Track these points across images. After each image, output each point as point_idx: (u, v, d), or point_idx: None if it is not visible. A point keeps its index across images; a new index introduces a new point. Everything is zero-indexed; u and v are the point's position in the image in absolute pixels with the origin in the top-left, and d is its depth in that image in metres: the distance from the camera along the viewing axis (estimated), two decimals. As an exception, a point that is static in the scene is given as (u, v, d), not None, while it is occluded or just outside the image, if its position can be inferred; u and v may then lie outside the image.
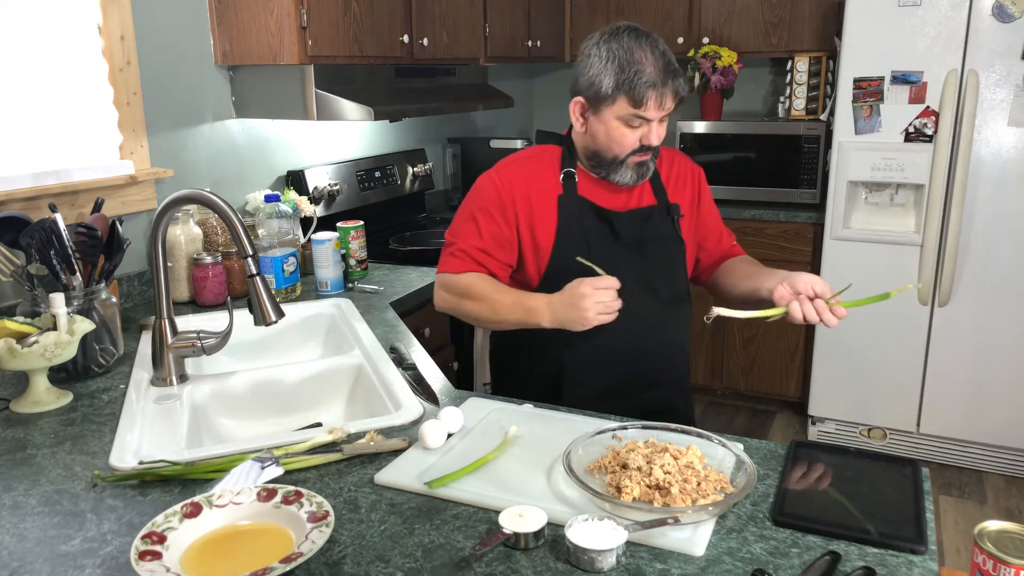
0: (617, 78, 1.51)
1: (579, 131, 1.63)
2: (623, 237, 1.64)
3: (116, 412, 1.42)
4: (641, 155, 1.59)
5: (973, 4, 2.79)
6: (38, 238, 1.56)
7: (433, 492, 1.12)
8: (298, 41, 2.20)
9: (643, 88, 1.50)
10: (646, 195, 1.70)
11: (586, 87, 1.56)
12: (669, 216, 1.70)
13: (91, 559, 0.99)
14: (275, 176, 2.65)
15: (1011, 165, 2.88)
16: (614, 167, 1.60)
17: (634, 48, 1.52)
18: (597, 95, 1.54)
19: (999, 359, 3.04)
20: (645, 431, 1.25)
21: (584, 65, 1.57)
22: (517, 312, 1.54)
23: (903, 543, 1.00)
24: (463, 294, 1.61)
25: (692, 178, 1.78)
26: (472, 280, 1.62)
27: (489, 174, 1.69)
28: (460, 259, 1.65)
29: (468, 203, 1.69)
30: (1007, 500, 3.00)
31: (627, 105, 1.52)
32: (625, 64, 1.51)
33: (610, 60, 1.53)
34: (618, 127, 1.55)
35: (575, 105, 1.60)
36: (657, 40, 1.56)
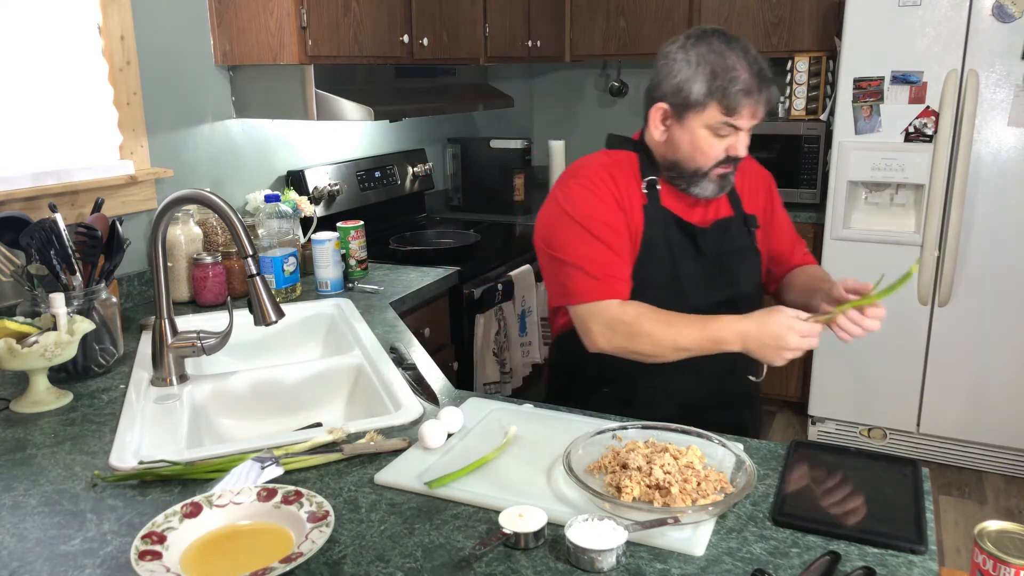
0: (710, 84, 1.42)
1: (658, 139, 1.52)
2: (705, 252, 1.56)
3: (116, 412, 1.42)
4: (725, 167, 1.50)
5: (973, 4, 2.79)
6: (38, 238, 1.56)
7: (433, 492, 1.12)
8: (298, 41, 2.20)
9: (738, 95, 1.41)
10: (723, 206, 1.61)
11: (671, 93, 1.46)
12: (746, 228, 1.62)
13: (91, 559, 0.99)
14: (275, 176, 2.65)
15: (1011, 165, 2.88)
16: (695, 179, 1.51)
17: (726, 52, 1.42)
18: (686, 101, 1.44)
19: (999, 359, 3.04)
20: (645, 431, 1.25)
21: (669, 69, 1.46)
22: (704, 345, 1.43)
23: (903, 543, 1.00)
24: (635, 329, 1.45)
25: (765, 186, 1.70)
26: (640, 311, 1.46)
27: (577, 183, 1.54)
28: (608, 283, 1.49)
29: (566, 218, 1.52)
30: (1007, 500, 3.00)
31: (718, 113, 1.43)
32: (719, 69, 1.41)
33: (701, 65, 1.43)
34: (705, 136, 1.46)
35: (656, 111, 1.50)
36: (748, 45, 1.46)
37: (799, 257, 1.75)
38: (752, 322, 1.39)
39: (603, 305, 1.48)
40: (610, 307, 1.48)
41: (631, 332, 1.45)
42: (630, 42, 3.75)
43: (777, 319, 1.38)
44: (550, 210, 1.57)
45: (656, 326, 1.44)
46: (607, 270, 1.49)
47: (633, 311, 1.47)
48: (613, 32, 3.77)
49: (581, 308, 1.50)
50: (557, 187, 1.58)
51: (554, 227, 1.55)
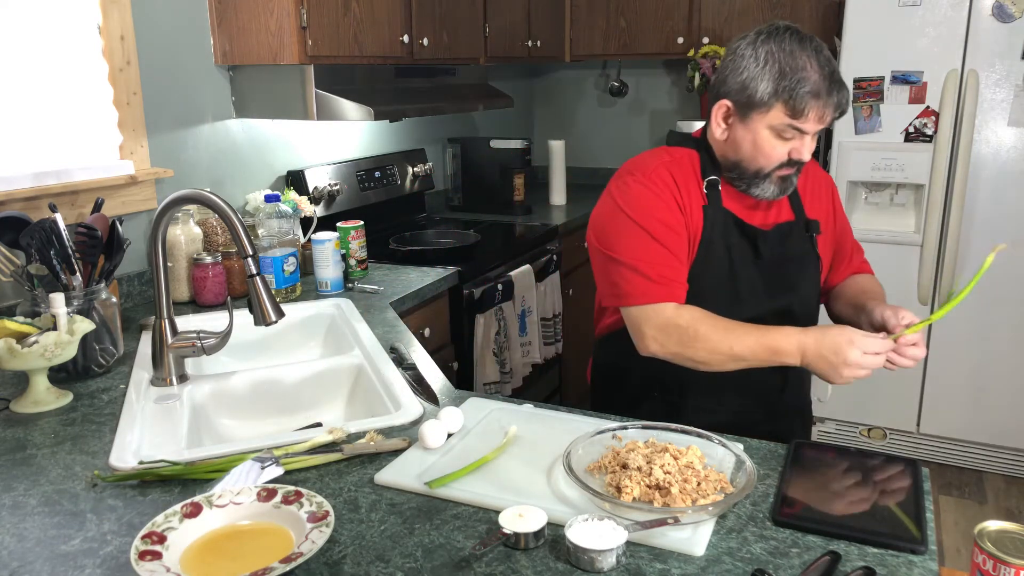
0: (777, 84, 1.36)
1: (719, 138, 1.47)
2: (764, 256, 1.50)
3: (116, 412, 1.42)
4: (787, 169, 1.44)
5: (973, 4, 2.79)
6: (38, 238, 1.56)
7: (433, 492, 1.12)
8: (298, 41, 2.20)
9: (805, 97, 1.35)
10: (784, 209, 1.56)
11: (737, 90, 1.41)
12: (808, 233, 1.56)
13: (91, 559, 0.99)
14: (275, 176, 2.65)
15: (1011, 165, 2.88)
16: (756, 180, 1.45)
17: (797, 52, 1.36)
18: (750, 100, 1.39)
19: (999, 359, 3.04)
20: (645, 431, 1.25)
21: (735, 65, 1.41)
22: (761, 355, 1.37)
23: (903, 543, 1.00)
24: (691, 335, 1.40)
25: (827, 190, 1.64)
26: (696, 316, 1.41)
27: (635, 180, 1.49)
28: (665, 286, 1.44)
29: (623, 217, 1.47)
30: (1007, 500, 3.00)
31: (783, 114, 1.38)
32: (787, 69, 1.36)
33: (769, 63, 1.37)
34: (768, 137, 1.41)
35: (719, 108, 1.45)
36: (822, 45, 1.40)
37: (856, 265, 1.68)
38: (813, 335, 1.34)
39: (658, 308, 1.43)
40: (665, 310, 1.43)
41: (686, 337, 1.40)
42: (630, 42, 3.75)
43: (839, 332, 1.33)
44: (606, 207, 1.52)
45: (712, 332, 1.39)
46: (664, 272, 1.44)
47: (689, 315, 1.41)
48: (613, 32, 3.77)
49: (634, 310, 1.45)
50: (614, 183, 1.53)
51: (609, 225, 1.50)
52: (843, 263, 1.67)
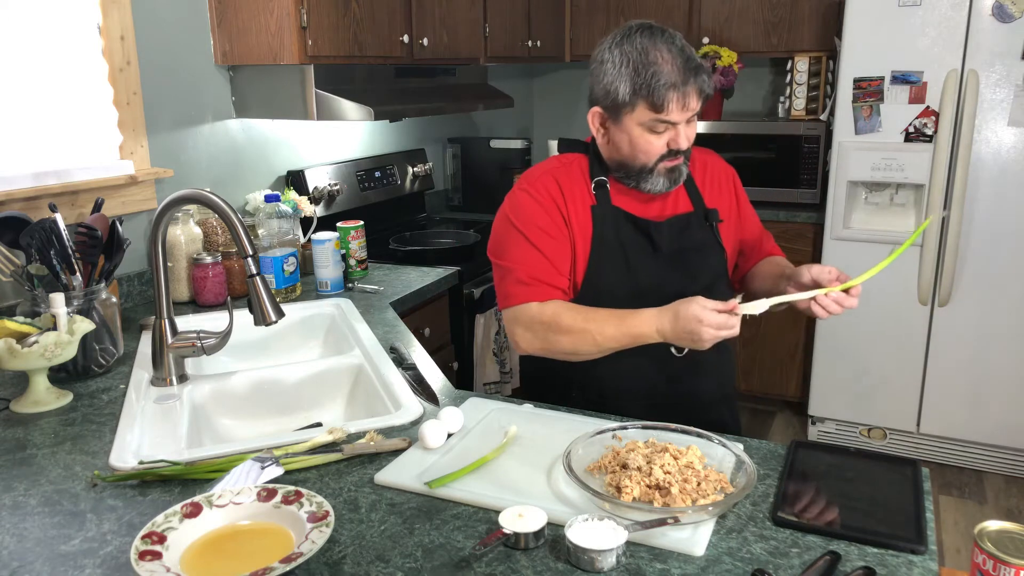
0: (633, 83, 1.41)
1: (601, 142, 1.53)
2: (662, 248, 1.54)
3: (116, 412, 1.42)
4: (671, 160, 1.48)
5: (973, 4, 2.79)
6: (38, 238, 1.56)
7: (433, 492, 1.12)
8: (298, 41, 2.20)
9: (662, 90, 1.39)
10: (682, 201, 1.59)
11: (602, 96, 1.46)
12: (708, 223, 1.60)
13: (91, 559, 0.99)
14: (275, 176, 2.65)
15: (1011, 165, 2.88)
16: (644, 176, 1.50)
17: (648, 48, 1.41)
18: (615, 103, 1.44)
19: (999, 359, 3.04)
20: (645, 431, 1.25)
21: (598, 72, 1.47)
22: (623, 341, 1.42)
23: (903, 543, 1.00)
24: (553, 329, 1.46)
25: (727, 179, 1.69)
26: (557, 310, 1.46)
27: (521, 190, 1.55)
28: (534, 287, 1.49)
29: (508, 225, 1.54)
30: (1007, 500, 3.00)
31: (647, 110, 1.42)
32: (640, 66, 1.40)
33: (624, 64, 1.42)
34: (642, 134, 1.45)
35: (593, 116, 1.50)
36: (674, 35, 1.45)
37: (767, 250, 1.73)
38: (667, 315, 1.38)
39: (524, 307, 1.49)
40: (529, 308, 1.49)
41: (550, 331, 1.46)
42: (630, 42, 3.75)
43: (684, 304, 1.35)
44: (498, 219, 1.58)
45: (574, 322, 1.44)
46: (536, 275, 1.49)
47: (551, 309, 1.47)
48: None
49: (507, 312, 1.52)
50: (507, 197, 1.59)
51: (498, 235, 1.57)
52: (753, 250, 1.72)
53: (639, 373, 1.54)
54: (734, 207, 1.68)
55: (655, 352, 1.46)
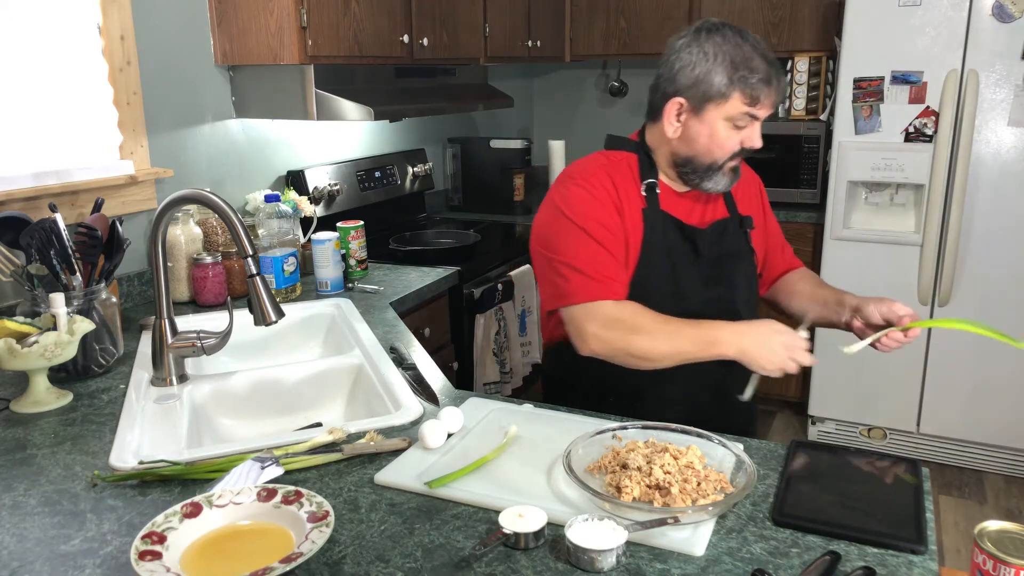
0: (731, 75, 1.41)
1: (671, 136, 1.49)
2: (703, 255, 1.54)
3: (116, 412, 1.42)
4: (736, 159, 1.49)
5: (973, 4, 2.79)
6: (38, 238, 1.56)
7: (433, 492, 1.12)
8: (298, 41, 2.20)
9: (759, 84, 1.40)
10: (719, 207, 1.60)
11: (688, 85, 1.44)
12: (742, 229, 1.61)
13: (91, 559, 0.99)
14: (275, 176, 2.65)
15: (1011, 165, 2.88)
16: (709, 173, 1.49)
17: (741, 43, 1.42)
18: (705, 94, 1.43)
19: (999, 359, 3.04)
20: (645, 431, 1.25)
21: (684, 62, 1.44)
22: (699, 345, 1.39)
23: (903, 543, 1.00)
24: (632, 329, 1.42)
25: (756, 187, 1.70)
26: (635, 310, 1.43)
27: (575, 184, 1.51)
28: (606, 284, 1.45)
29: (562, 219, 1.49)
30: (1007, 500, 3.00)
31: (740, 103, 1.42)
32: (739, 60, 1.41)
33: (719, 56, 1.41)
34: (724, 128, 1.45)
35: (672, 106, 1.47)
36: (757, 38, 1.46)
37: (788, 260, 1.76)
38: (743, 326, 1.40)
39: (599, 305, 1.45)
40: (605, 307, 1.45)
41: (627, 331, 1.42)
42: (630, 42, 3.75)
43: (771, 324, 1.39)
44: (547, 212, 1.55)
45: (652, 324, 1.42)
46: (604, 271, 1.46)
47: (630, 309, 1.44)
48: (613, 32, 3.77)
49: (576, 309, 1.47)
50: (554, 189, 1.56)
51: (551, 228, 1.52)
52: (776, 257, 1.75)
53: (680, 381, 1.50)
54: (761, 214, 1.69)
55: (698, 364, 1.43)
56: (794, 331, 1.40)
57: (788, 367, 1.38)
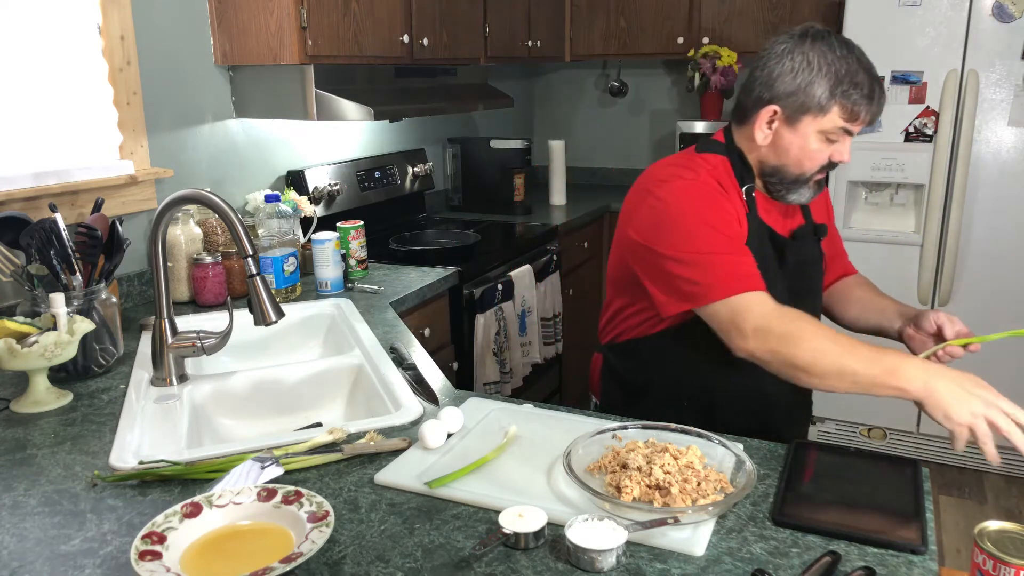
0: (833, 87, 1.36)
1: (760, 143, 1.44)
2: (787, 263, 1.51)
3: (116, 412, 1.42)
4: (823, 172, 1.46)
5: (973, 4, 2.79)
6: (38, 238, 1.56)
7: (433, 492, 1.12)
8: (298, 41, 2.20)
9: (861, 100, 1.36)
10: (797, 215, 1.57)
11: (788, 94, 1.39)
12: (816, 237, 1.58)
13: (91, 559, 0.99)
14: (275, 176, 2.65)
15: (1011, 165, 2.88)
16: (796, 185, 1.45)
17: (847, 55, 1.37)
18: (804, 104, 1.37)
19: (999, 359, 3.03)
20: (645, 431, 1.25)
21: (784, 69, 1.39)
22: (876, 369, 1.21)
23: (903, 543, 1.00)
24: (796, 335, 1.27)
25: (824, 194, 1.65)
26: (801, 314, 1.31)
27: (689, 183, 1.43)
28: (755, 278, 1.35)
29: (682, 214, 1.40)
30: (1007, 500, 3.00)
31: (839, 117, 1.37)
32: (843, 72, 1.35)
33: (823, 68, 1.36)
34: (816, 140, 1.40)
35: (766, 112, 1.42)
36: (862, 49, 1.40)
37: (844, 265, 1.73)
38: (938, 367, 1.23)
39: (755, 299, 1.32)
40: (766, 302, 1.31)
41: (791, 335, 1.27)
42: (630, 42, 3.75)
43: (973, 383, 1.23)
44: (660, 213, 1.42)
45: (822, 333, 1.26)
46: (752, 270, 1.36)
47: (794, 312, 1.31)
48: (613, 32, 3.78)
49: (725, 305, 1.33)
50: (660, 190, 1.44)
51: (673, 228, 1.40)
52: (836, 263, 1.72)
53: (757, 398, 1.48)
54: (829, 220, 1.68)
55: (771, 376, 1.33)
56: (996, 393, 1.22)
57: (977, 428, 1.21)
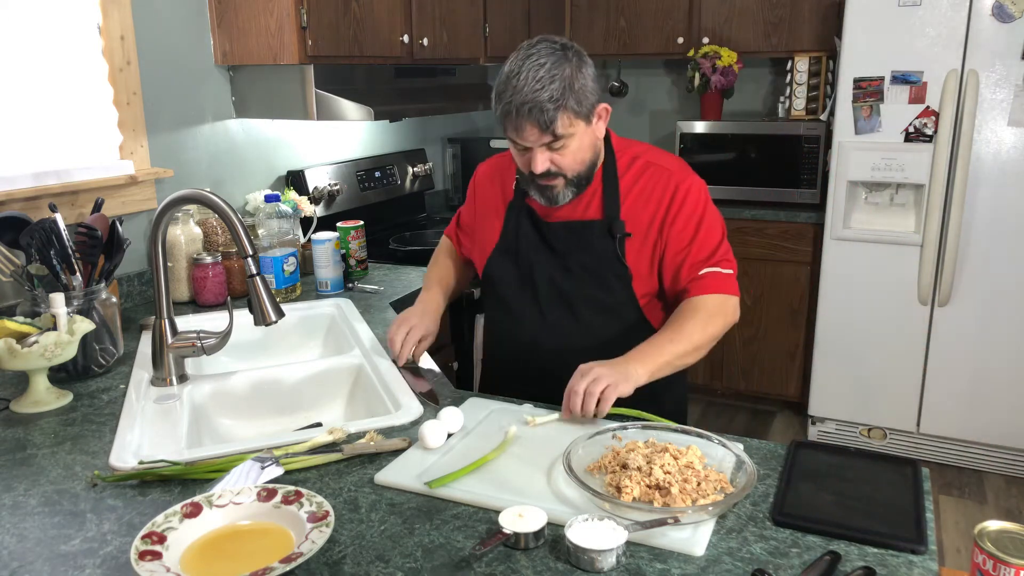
0: (496, 95, 1.43)
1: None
2: (556, 249, 1.57)
3: (116, 412, 1.42)
4: (544, 179, 1.47)
5: (973, 4, 2.79)
6: (38, 238, 1.56)
7: (433, 492, 1.12)
8: (298, 41, 2.20)
9: (501, 111, 1.41)
10: (592, 207, 1.55)
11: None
12: (609, 233, 1.53)
13: (91, 559, 0.99)
14: (275, 176, 2.65)
15: (1011, 165, 2.88)
16: (527, 183, 1.53)
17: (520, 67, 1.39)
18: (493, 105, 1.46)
19: (999, 359, 3.04)
20: (645, 431, 1.25)
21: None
22: None
23: (903, 543, 1.00)
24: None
25: (662, 195, 1.53)
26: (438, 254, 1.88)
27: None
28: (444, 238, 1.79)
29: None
30: (1007, 500, 3.00)
31: (502, 125, 1.45)
32: (501, 82, 1.41)
33: (499, 77, 1.43)
34: (512, 144, 1.47)
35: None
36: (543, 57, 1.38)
37: (681, 285, 1.53)
38: None
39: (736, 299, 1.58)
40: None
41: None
42: (630, 42, 3.76)
43: None
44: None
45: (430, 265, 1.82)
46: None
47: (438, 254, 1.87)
48: (613, 32, 3.78)
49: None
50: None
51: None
52: (669, 278, 1.55)
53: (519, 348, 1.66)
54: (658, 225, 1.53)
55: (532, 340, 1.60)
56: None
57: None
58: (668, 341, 1.43)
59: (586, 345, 1.53)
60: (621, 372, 1.34)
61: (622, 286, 1.55)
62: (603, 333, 1.57)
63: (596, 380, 1.31)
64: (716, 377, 3.70)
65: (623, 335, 1.51)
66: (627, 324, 1.56)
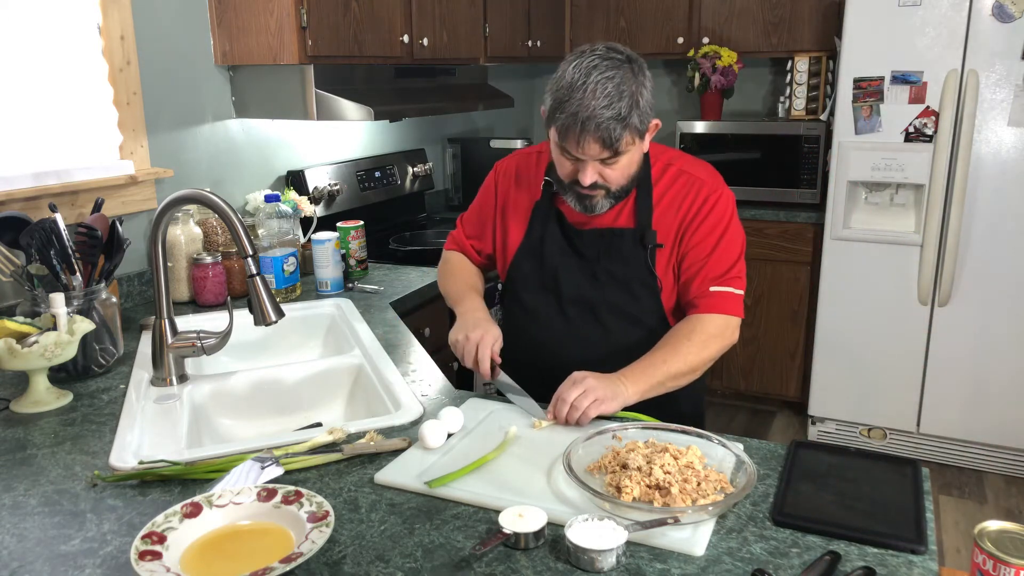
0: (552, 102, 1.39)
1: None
2: (585, 255, 1.55)
3: (116, 412, 1.42)
4: (584, 189, 1.44)
5: (973, 4, 2.79)
6: (38, 238, 1.56)
7: (433, 492, 1.12)
8: (298, 41, 2.20)
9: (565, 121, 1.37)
10: (624, 215, 1.54)
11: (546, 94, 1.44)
12: (641, 243, 1.53)
13: (91, 559, 0.99)
14: (275, 176, 2.65)
15: (1011, 165, 2.88)
16: (563, 189, 1.50)
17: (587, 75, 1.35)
18: (546, 111, 1.43)
19: (999, 359, 3.04)
20: (645, 431, 1.25)
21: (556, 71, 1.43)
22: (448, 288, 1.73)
23: (903, 543, 1.00)
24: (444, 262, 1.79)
25: (691, 204, 1.52)
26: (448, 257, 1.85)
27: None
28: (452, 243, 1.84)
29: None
30: (1007, 500, 3.00)
31: (555, 133, 1.41)
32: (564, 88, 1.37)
33: (557, 78, 1.39)
34: (556, 151, 1.45)
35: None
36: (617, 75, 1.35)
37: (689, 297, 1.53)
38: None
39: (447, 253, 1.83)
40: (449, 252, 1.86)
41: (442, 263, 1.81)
42: (630, 42, 3.75)
43: None
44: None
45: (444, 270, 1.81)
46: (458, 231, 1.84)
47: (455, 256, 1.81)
48: (613, 32, 3.77)
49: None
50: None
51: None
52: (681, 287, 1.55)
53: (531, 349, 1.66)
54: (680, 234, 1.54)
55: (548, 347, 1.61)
56: None
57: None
58: (663, 361, 1.43)
59: (607, 352, 1.53)
60: (611, 389, 1.34)
61: (649, 295, 1.55)
62: (625, 340, 1.55)
63: (585, 393, 1.32)
64: (716, 377, 3.70)
65: (645, 343, 1.49)
66: (650, 333, 1.54)
